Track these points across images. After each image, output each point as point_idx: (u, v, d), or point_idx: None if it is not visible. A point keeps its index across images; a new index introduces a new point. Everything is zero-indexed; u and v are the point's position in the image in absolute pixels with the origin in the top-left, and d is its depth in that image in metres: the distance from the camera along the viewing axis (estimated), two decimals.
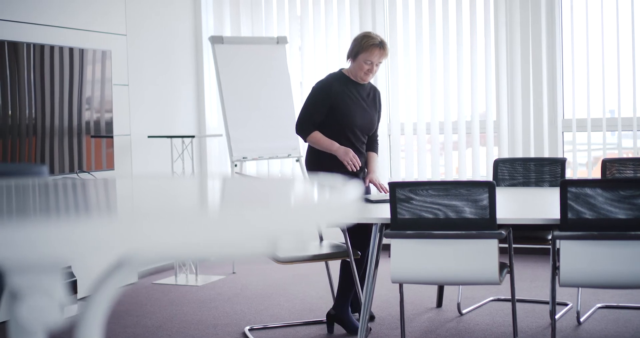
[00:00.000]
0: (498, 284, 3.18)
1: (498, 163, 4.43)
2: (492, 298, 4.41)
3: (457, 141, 5.98)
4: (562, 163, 4.30)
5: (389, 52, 6.05)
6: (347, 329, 3.87)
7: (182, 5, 6.06)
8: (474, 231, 3.11)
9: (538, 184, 4.32)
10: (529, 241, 4.10)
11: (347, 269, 3.81)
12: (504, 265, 3.28)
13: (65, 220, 0.78)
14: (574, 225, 3.03)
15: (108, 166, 5.05)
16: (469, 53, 5.91)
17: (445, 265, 3.16)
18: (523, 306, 4.21)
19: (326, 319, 3.92)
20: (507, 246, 3.36)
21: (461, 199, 3.13)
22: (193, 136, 5.41)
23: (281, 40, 5.88)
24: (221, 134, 5.87)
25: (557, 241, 3.12)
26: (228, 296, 4.75)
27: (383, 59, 3.97)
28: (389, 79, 6.12)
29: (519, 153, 5.77)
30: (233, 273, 5.47)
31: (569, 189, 3.03)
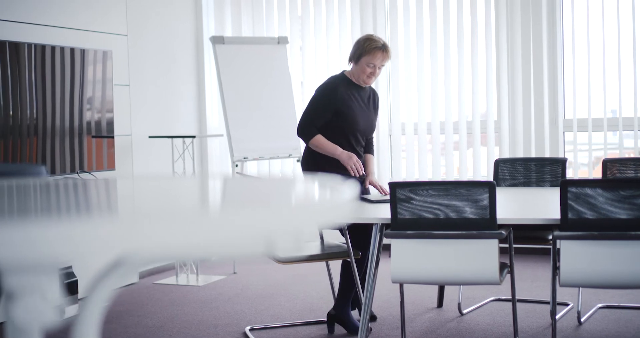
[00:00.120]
0: (498, 284, 3.18)
1: (499, 163, 4.43)
2: (493, 298, 4.40)
3: (458, 141, 5.98)
4: (563, 163, 4.30)
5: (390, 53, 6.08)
6: (348, 329, 3.87)
7: (183, 5, 6.07)
8: (474, 231, 3.11)
9: (539, 184, 4.32)
10: (530, 241, 4.10)
11: (348, 269, 3.81)
12: (505, 265, 3.28)
13: (64, 219, 0.78)
14: (575, 225, 3.03)
15: (109, 166, 5.06)
16: (470, 53, 5.91)
17: (445, 265, 3.16)
18: (524, 306, 4.21)
19: (327, 319, 3.93)
20: (508, 246, 3.36)
21: (461, 199, 3.13)
22: (194, 136, 5.41)
23: (282, 40, 5.88)
24: (222, 135, 5.87)
25: (558, 241, 3.12)
26: (229, 296, 4.75)
27: (386, 62, 3.96)
28: (390, 79, 6.12)
29: (520, 153, 5.77)
30: (234, 273, 5.48)
31: (569, 189, 3.03)
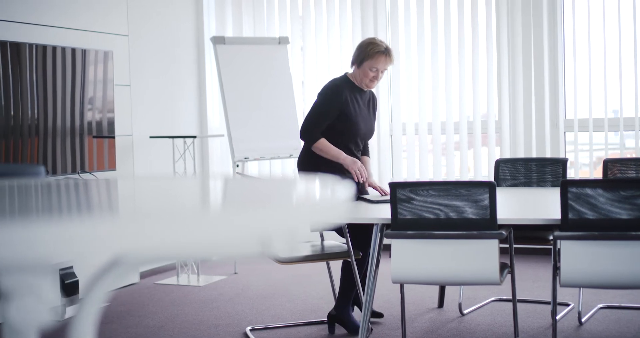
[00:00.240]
0: (499, 284, 3.17)
1: (499, 163, 4.43)
2: (494, 298, 4.40)
3: (459, 141, 5.98)
4: (564, 163, 4.30)
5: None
6: (348, 329, 3.87)
7: (184, 5, 6.07)
8: (475, 232, 3.11)
9: (539, 184, 4.32)
10: (531, 241, 4.10)
11: (349, 269, 3.81)
12: (505, 265, 3.28)
13: (61, 219, 0.78)
14: (575, 225, 3.03)
15: (110, 166, 5.06)
16: (471, 53, 5.91)
17: (445, 265, 3.16)
18: (525, 306, 4.21)
19: (327, 319, 3.93)
20: (508, 246, 3.36)
21: (462, 199, 3.13)
22: (195, 137, 5.42)
23: (283, 40, 5.88)
24: (223, 135, 5.87)
25: (558, 242, 3.12)
26: (230, 296, 4.76)
27: (388, 66, 3.95)
28: (391, 79, 6.12)
29: (521, 153, 5.76)
30: (235, 273, 5.48)
31: (570, 190, 3.03)
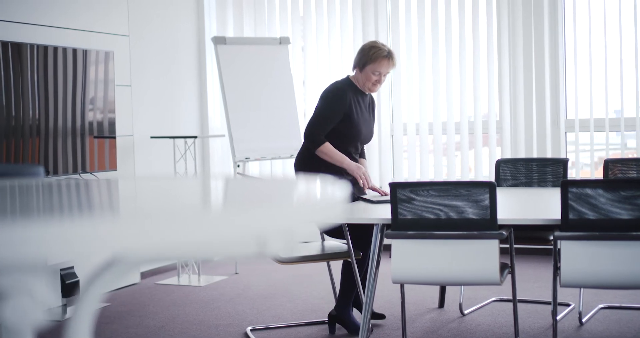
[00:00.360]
0: (499, 284, 3.17)
1: (500, 163, 4.43)
2: (495, 298, 4.40)
3: (460, 141, 5.98)
4: (564, 163, 4.30)
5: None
6: (349, 329, 3.87)
7: (185, 6, 6.08)
8: (475, 232, 3.11)
9: (540, 184, 4.32)
10: (531, 241, 4.09)
11: (349, 269, 3.81)
12: (505, 265, 3.28)
13: (61, 219, 0.78)
14: (575, 225, 3.03)
15: (111, 166, 5.06)
16: (472, 53, 5.90)
17: (445, 265, 3.16)
18: (525, 306, 4.21)
19: (328, 320, 3.93)
20: (509, 246, 3.36)
21: (462, 199, 3.13)
22: (196, 137, 5.42)
23: (284, 40, 5.89)
24: (224, 135, 5.88)
25: (558, 242, 3.11)
26: (230, 296, 4.76)
27: (391, 70, 3.95)
28: (392, 79, 6.12)
29: (522, 154, 5.76)
30: (236, 273, 5.48)
31: (570, 190, 3.02)
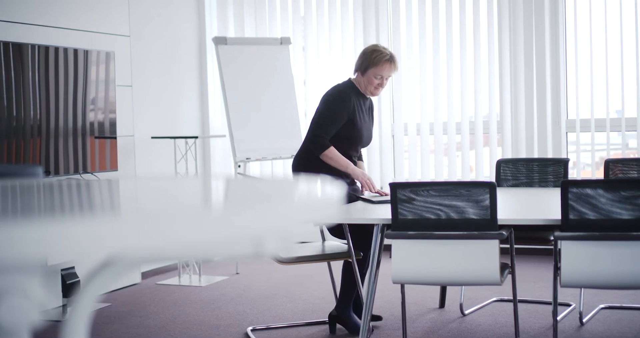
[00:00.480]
0: (499, 285, 3.17)
1: (501, 164, 4.43)
2: (495, 298, 4.40)
3: (461, 141, 5.98)
4: (565, 163, 4.30)
5: (392, 51, 6.07)
6: (349, 330, 3.87)
7: (186, 6, 6.08)
8: (475, 232, 3.11)
9: (541, 184, 4.32)
10: (532, 241, 4.09)
11: (350, 270, 3.82)
12: (506, 265, 3.28)
13: (60, 219, 0.78)
14: (575, 225, 3.03)
15: (112, 167, 5.07)
16: (473, 53, 5.90)
17: (445, 265, 3.16)
18: (526, 306, 4.21)
19: (328, 320, 3.93)
20: (509, 246, 3.36)
21: (462, 199, 3.13)
22: (196, 137, 5.42)
23: (285, 41, 5.89)
24: (224, 135, 5.88)
25: (559, 242, 3.11)
26: (231, 296, 4.76)
27: (393, 73, 3.95)
28: (393, 79, 6.12)
29: (523, 154, 5.76)
30: (236, 273, 5.48)
31: (570, 190, 3.02)
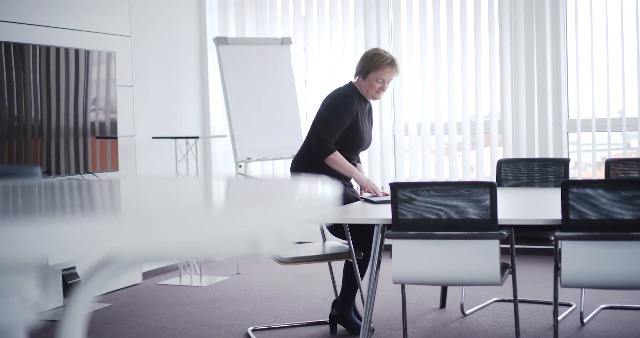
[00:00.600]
0: (499, 285, 3.17)
1: (501, 164, 4.43)
2: (496, 298, 4.40)
3: (462, 141, 5.98)
4: (566, 163, 4.29)
5: (393, 52, 6.07)
6: (350, 330, 3.87)
7: (187, 6, 6.08)
8: (475, 232, 3.11)
9: (542, 184, 4.31)
10: (533, 241, 4.09)
11: (351, 270, 3.82)
12: (506, 265, 3.28)
13: (59, 219, 0.78)
14: (576, 225, 3.03)
15: (112, 167, 5.07)
16: (474, 53, 5.90)
17: (446, 265, 3.16)
18: (527, 307, 4.21)
19: (329, 320, 3.92)
20: (509, 247, 3.36)
21: (462, 200, 3.12)
22: (197, 137, 5.42)
23: (285, 41, 5.89)
24: (225, 135, 5.88)
25: (559, 242, 3.11)
26: (232, 297, 4.76)
27: (394, 77, 3.95)
28: (394, 79, 6.11)
29: (524, 154, 5.76)
30: (237, 274, 5.48)
31: (571, 190, 3.02)
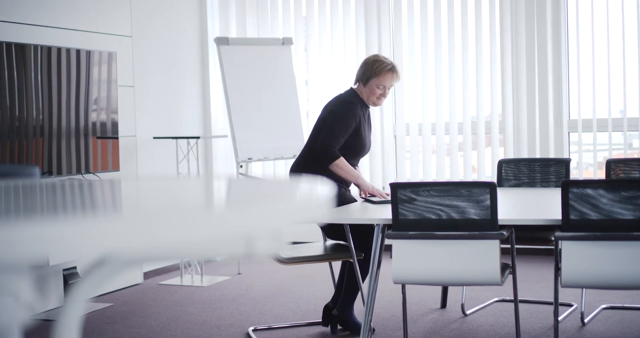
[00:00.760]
0: (500, 285, 3.17)
1: (502, 164, 4.43)
2: (497, 299, 4.40)
3: (463, 142, 5.98)
4: (567, 163, 4.29)
5: (394, 52, 6.08)
6: (350, 330, 3.87)
7: (188, 6, 6.08)
8: (476, 232, 3.11)
9: (543, 185, 4.31)
10: (534, 241, 4.09)
11: (351, 270, 3.82)
12: (507, 265, 3.28)
13: (58, 219, 0.79)
14: (576, 225, 3.03)
15: (114, 167, 5.07)
16: (475, 53, 5.90)
17: (446, 265, 3.16)
18: (528, 307, 4.21)
19: (329, 319, 3.92)
20: (510, 247, 3.36)
21: (462, 200, 3.13)
22: (198, 137, 5.42)
23: (287, 41, 5.89)
24: (226, 135, 5.88)
25: (559, 242, 3.11)
26: (233, 297, 4.76)
27: (395, 82, 3.95)
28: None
29: (525, 154, 5.76)
30: (238, 274, 5.49)
31: (571, 190, 3.02)
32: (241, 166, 5.57)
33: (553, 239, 3.24)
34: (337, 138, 3.81)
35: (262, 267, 5.59)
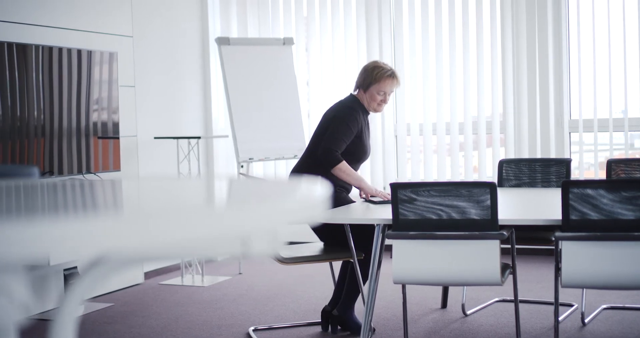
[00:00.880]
0: (500, 285, 3.17)
1: (503, 164, 4.43)
2: (497, 299, 4.40)
3: (464, 142, 5.98)
4: (567, 163, 4.29)
5: (395, 53, 6.08)
6: (350, 330, 3.87)
7: (189, 6, 6.09)
8: (476, 232, 3.11)
9: (544, 185, 4.31)
10: (534, 242, 4.09)
11: (352, 270, 3.82)
12: (507, 265, 3.28)
13: (58, 219, 0.79)
14: (576, 225, 3.03)
15: (114, 167, 5.08)
16: (476, 53, 5.90)
17: (446, 265, 3.16)
18: (528, 307, 4.21)
19: (330, 319, 3.92)
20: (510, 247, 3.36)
21: (462, 200, 3.13)
22: (199, 137, 5.43)
23: (288, 41, 5.89)
24: (227, 135, 5.88)
25: (560, 242, 3.11)
26: (233, 297, 4.77)
27: (395, 88, 3.95)
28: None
29: (526, 154, 5.76)
30: (239, 274, 5.49)
31: (571, 190, 3.02)
32: (242, 166, 5.57)
33: (553, 239, 3.24)
34: (340, 142, 3.82)
35: (263, 267, 5.59)
